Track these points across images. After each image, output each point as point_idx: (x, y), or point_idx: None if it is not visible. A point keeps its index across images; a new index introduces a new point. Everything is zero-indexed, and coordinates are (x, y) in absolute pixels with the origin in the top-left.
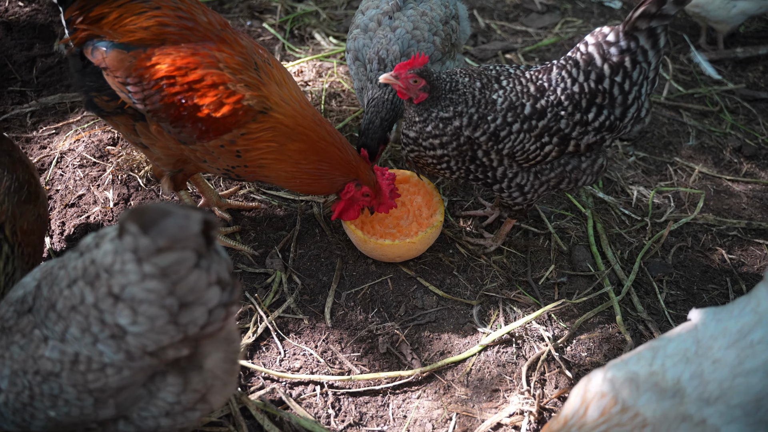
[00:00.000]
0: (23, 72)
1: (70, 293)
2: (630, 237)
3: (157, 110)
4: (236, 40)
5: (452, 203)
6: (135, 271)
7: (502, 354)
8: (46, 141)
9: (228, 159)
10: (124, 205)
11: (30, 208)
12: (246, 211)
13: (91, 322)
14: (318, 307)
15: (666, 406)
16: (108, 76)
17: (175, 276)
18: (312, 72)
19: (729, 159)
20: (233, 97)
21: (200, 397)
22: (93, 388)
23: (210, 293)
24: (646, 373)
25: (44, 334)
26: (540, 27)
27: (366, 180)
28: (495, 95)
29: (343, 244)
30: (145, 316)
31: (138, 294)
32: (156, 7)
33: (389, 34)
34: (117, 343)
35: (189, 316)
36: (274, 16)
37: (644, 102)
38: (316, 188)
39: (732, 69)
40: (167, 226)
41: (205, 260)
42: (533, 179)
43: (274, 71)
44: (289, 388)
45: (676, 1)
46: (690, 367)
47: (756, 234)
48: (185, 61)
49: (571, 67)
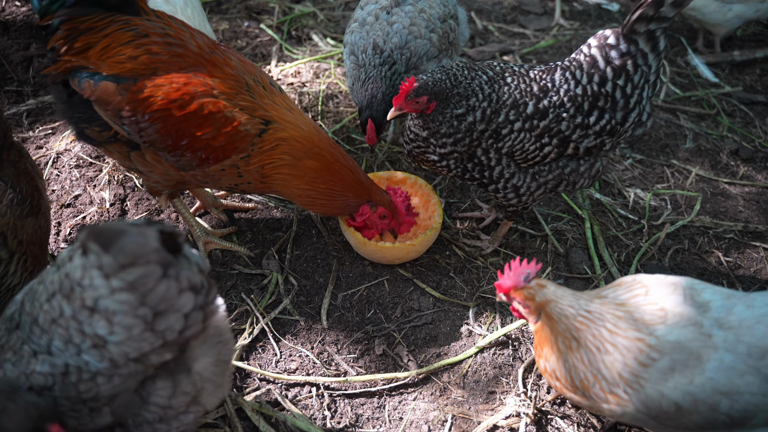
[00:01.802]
0: (20, 71)
1: (49, 307)
2: (627, 239)
3: (154, 141)
4: (226, 62)
5: (449, 205)
6: (104, 285)
7: (498, 356)
8: (43, 141)
9: (230, 179)
10: (120, 206)
11: (32, 221)
12: (242, 212)
13: (72, 334)
14: (314, 309)
15: (687, 308)
16: (98, 108)
17: (143, 288)
18: (309, 73)
19: (726, 162)
20: (230, 125)
21: (191, 400)
22: (86, 398)
23: (183, 299)
24: (688, 286)
25: (32, 349)
26: (537, 29)
27: (380, 201)
28: (501, 91)
29: (339, 245)
30: (120, 326)
31: (111, 306)
32: (144, 35)
33: (386, 27)
34: (100, 352)
35: (165, 323)
36: (272, 17)
37: (645, 106)
38: (329, 209)
39: (729, 72)
40: (125, 244)
41: (173, 269)
42: (530, 180)
43: (265, 90)
44: (284, 389)
45: (674, 4)
46: (726, 301)
47: (753, 237)
48: (180, 93)
49: (575, 68)
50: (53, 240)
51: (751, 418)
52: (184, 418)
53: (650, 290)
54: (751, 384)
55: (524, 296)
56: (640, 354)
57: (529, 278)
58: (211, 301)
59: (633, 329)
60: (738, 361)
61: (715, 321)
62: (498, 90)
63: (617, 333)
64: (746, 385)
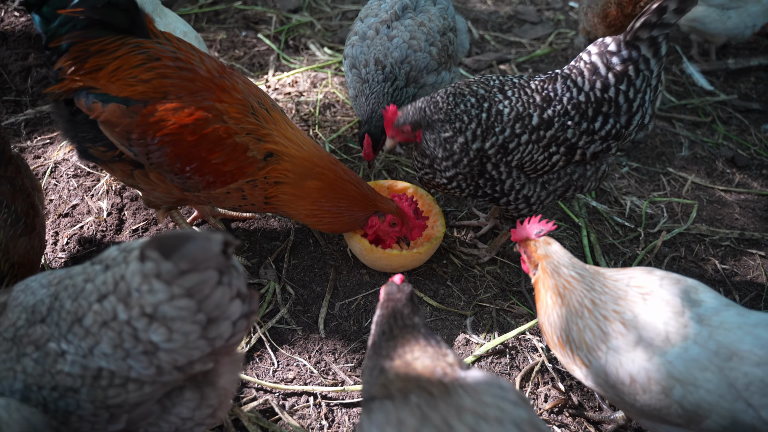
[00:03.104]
0: (18, 81)
1: (101, 308)
2: (623, 247)
3: (161, 164)
4: (234, 86)
5: (446, 214)
6: (164, 290)
7: (495, 365)
8: (41, 150)
9: (235, 200)
10: (117, 215)
11: (24, 242)
12: (240, 221)
13: (124, 338)
14: (311, 318)
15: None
16: (105, 129)
17: (200, 294)
18: (307, 82)
19: (722, 169)
20: (240, 151)
21: (212, 413)
22: (111, 403)
23: (233, 307)
24: (693, 285)
25: (62, 349)
26: (533, 38)
27: (387, 209)
28: (501, 106)
29: (337, 254)
30: (179, 332)
31: (169, 312)
32: (155, 58)
33: (386, 42)
34: (149, 358)
35: (216, 330)
36: (269, 26)
37: (648, 109)
38: (338, 225)
39: (724, 80)
40: (189, 250)
41: (226, 276)
42: (540, 190)
43: (270, 113)
44: (282, 399)
45: (676, 10)
46: (720, 306)
47: (749, 244)
48: (192, 118)
49: (576, 76)
50: (50, 249)
51: (704, 418)
52: (198, 429)
53: (651, 277)
54: (710, 381)
55: (531, 249)
56: (610, 325)
57: (541, 233)
58: (254, 311)
59: (612, 302)
60: (703, 355)
61: (697, 315)
62: (490, 108)
63: (596, 302)
64: (705, 381)
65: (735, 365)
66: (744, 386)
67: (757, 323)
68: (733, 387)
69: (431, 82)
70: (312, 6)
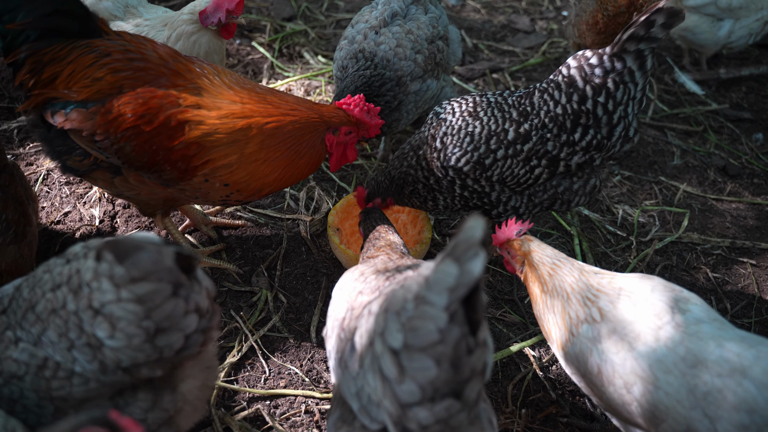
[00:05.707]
0: (11, 88)
1: (53, 296)
2: (615, 255)
3: (132, 160)
4: (188, 68)
5: (438, 222)
6: (112, 292)
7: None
8: (33, 158)
9: (219, 191)
10: (110, 223)
11: (13, 249)
12: (232, 228)
13: (69, 328)
14: (303, 326)
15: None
16: (74, 137)
17: (150, 303)
18: (300, 90)
19: (713, 178)
20: (195, 133)
21: (168, 418)
22: (56, 396)
23: (187, 320)
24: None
25: (16, 336)
26: (527, 47)
27: (338, 121)
28: (471, 127)
29: (329, 262)
30: (123, 332)
31: (116, 312)
32: (105, 54)
33: (374, 48)
34: (93, 352)
35: (165, 340)
36: (264, 34)
37: (632, 122)
38: (304, 165)
39: (716, 89)
40: (140, 260)
41: (183, 289)
42: (527, 201)
43: (207, 80)
44: (273, 407)
45: (664, 25)
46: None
47: (740, 253)
48: (145, 108)
49: (553, 89)
50: (43, 258)
51: (661, 421)
52: None
53: (644, 281)
54: (670, 384)
55: (515, 247)
56: (589, 309)
57: (521, 233)
58: (213, 327)
59: (593, 290)
60: (669, 358)
61: (675, 322)
62: (444, 148)
63: (576, 287)
64: (666, 383)
65: (698, 373)
66: (702, 395)
67: (732, 338)
68: (692, 394)
69: (415, 90)
70: (306, 14)
